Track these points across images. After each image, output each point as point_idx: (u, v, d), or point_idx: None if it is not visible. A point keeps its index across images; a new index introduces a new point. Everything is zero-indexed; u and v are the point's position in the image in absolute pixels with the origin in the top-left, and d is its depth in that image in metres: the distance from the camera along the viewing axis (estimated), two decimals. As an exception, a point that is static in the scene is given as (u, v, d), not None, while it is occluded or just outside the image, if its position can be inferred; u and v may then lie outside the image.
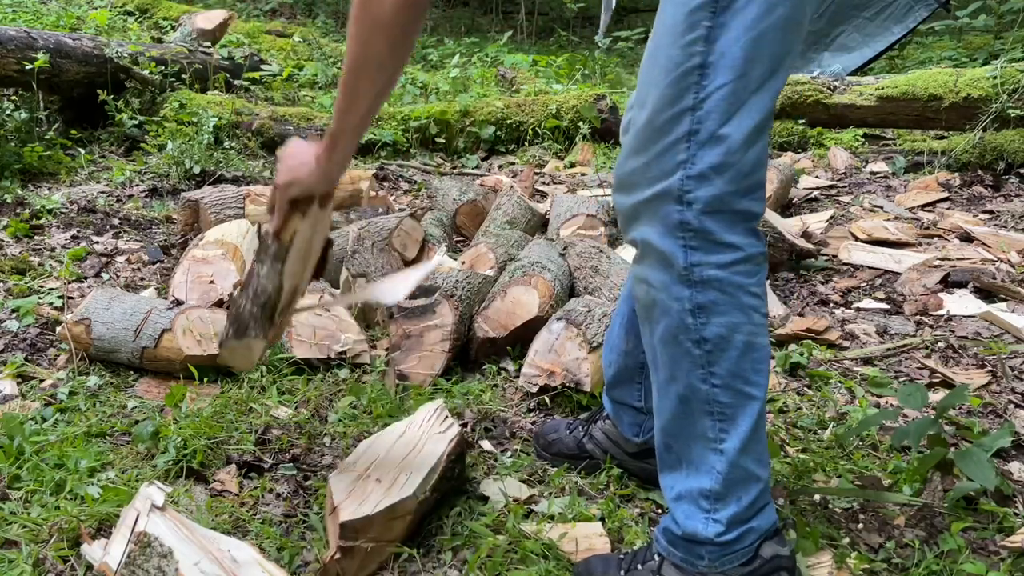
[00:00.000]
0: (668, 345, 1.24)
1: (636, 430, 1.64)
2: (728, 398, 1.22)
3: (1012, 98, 4.06)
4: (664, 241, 1.18)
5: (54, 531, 1.48)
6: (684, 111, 1.15)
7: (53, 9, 6.46)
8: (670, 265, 1.19)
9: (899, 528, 1.56)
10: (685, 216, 1.16)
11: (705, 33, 1.12)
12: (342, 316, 2.24)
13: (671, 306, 1.21)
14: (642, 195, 1.20)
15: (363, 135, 1.38)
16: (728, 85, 1.13)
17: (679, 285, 1.19)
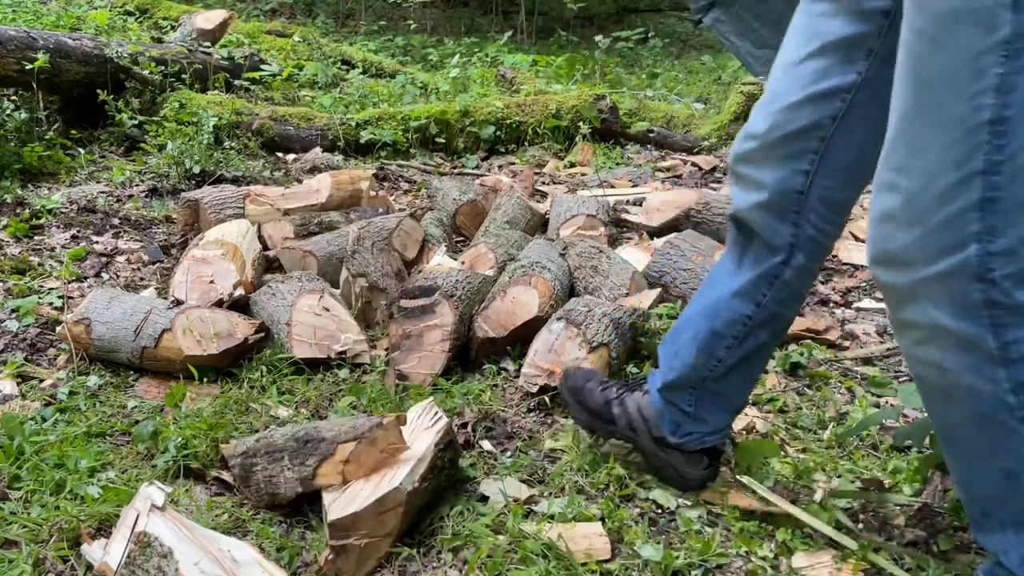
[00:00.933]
0: (984, 426, 1.12)
1: (675, 428, 1.62)
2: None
3: (1012, 98, 4.05)
4: (962, 323, 1.06)
5: (54, 531, 1.48)
6: (974, 175, 1.00)
7: (53, 9, 6.46)
8: (975, 348, 1.06)
9: (899, 528, 1.55)
10: (991, 295, 1.03)
11: (997, 82, 0.97)
12: (342, 316, 2.24)
13: (983, 389, 1.09)
14: (923, 273, 1.06)
15: None
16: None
17: (992, 366, 1.07)
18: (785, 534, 1.53)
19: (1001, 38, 0.96)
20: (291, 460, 1.54)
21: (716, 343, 1.51)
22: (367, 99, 5.20)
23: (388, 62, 6.58)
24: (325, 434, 1.54)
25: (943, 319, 1.07)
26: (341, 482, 1.51)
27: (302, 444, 1.55)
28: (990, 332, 1.05)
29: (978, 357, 1.07)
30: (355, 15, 9.66)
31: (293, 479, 1.54)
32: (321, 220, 2.93)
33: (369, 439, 1.51)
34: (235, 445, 1.63)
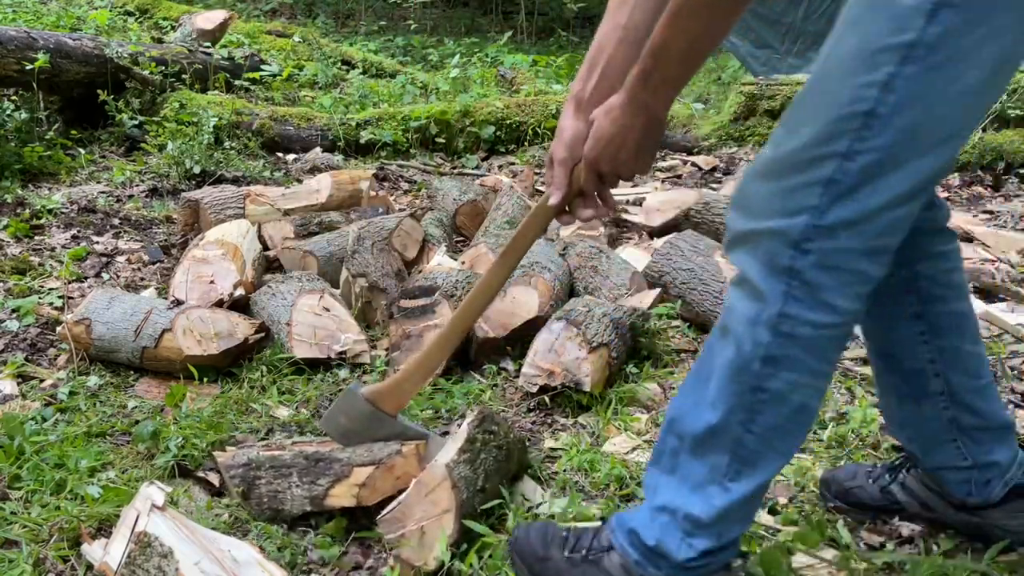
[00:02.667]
0: (725, 375, 1.17)
1: (967, 488, 1.43)
2: (757, 447, 1.17)
3: (1012, 98, 4.06)
4: (765, 280, 1.10)
5: (54, 531, 1.48)
6: (833, 155, 1.04)
7: (53, 9, 6.46)
8: (762, 305, 1.11)
9: (899, 527, 1.56)
10: (797, 263, 1.07)
11: (885, 79, 0.99)
12: (342, 316, 2.24)
13: (744, 345, 1.13)
14: (757, 224, 1.11)
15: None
16: (891, 148, 1.01)
17: (763, 328, 1.11)
18: (786, 535, 1.53)
19: (904, 41, 0.98)
20: (300, 478, 1.53)
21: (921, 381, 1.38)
22: (367, 99, 5.20)
23: (388, 62, 6.58)
24: (339, 455, 1.54)
25: (753, 271, 1.12)
26: (355, 505, 1.51)
27: (312, 463, 1.54)
28: (780, 298, 1.09)
29: (760, 315, 1.11)
30: (355, 15, 9.66)
31: (302, 497, 1.53)
32: (321, 220, 2.93)
33: (387, 465, 1.51)
34: (233, 455, 1.60)
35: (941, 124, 1.02)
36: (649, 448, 1.81)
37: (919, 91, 0.99)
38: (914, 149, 1.03)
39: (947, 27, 0.97)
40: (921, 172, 1.04)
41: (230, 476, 1.59)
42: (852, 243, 1.06)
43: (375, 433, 1.57)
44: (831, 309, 1.09)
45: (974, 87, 1.01)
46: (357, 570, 1.46)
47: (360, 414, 1.56)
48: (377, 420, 1.56)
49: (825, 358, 1.15)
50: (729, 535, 1.23)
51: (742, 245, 1.15)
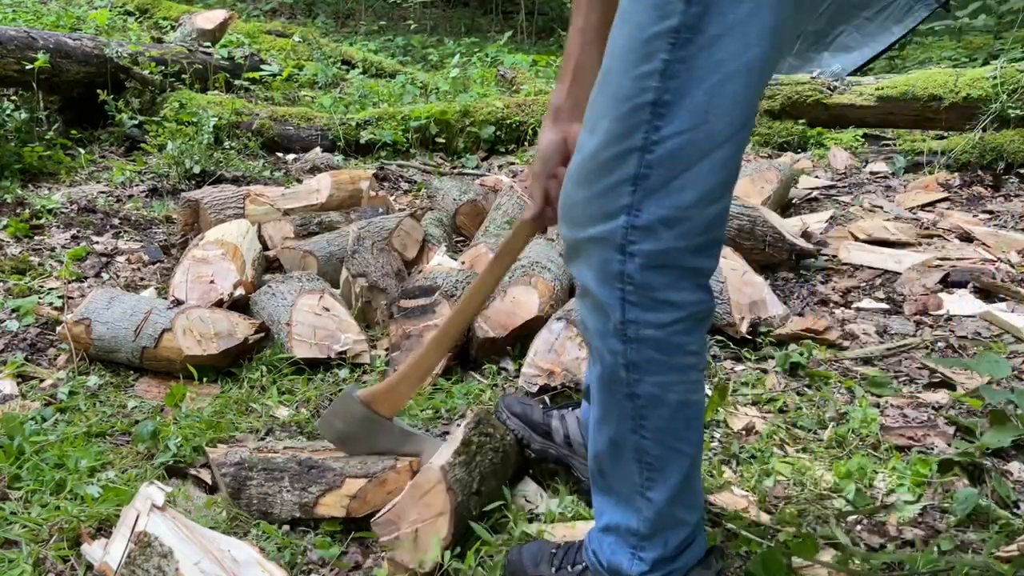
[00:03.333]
0: (602, 390, 1.17)
1: None
2: (658, 451, 1.16)
3: (1012, 98, 4.06)
4: (602, 289, 1.09)
5: (54, 531, 1.48)
6: (632, 150, 1.03)
7: (53, 9, 6.46)
8: (606, 315, 1.10)
9: (899, 528, 1.56)
10: (626, 268, 1.06)
11: (662, 67, 0.99)
12: (342, 316, 2.24)
13: (605, 356, 1.13)
14: (583, 233, 1.10)
15: None
16: (687, 133, 1.01)
17: (613, 338, 1.10)
18: (786, 535, 1.53)
19: (670, 26, 0.98)
20: (292, 483, 1.53)
21: None
22: (367, 99, 5.20)
23: (388, 62, 6.58)
24: (332, 463, 1.53)
25: (590, 281, 1.11)
26: (344, 515, 1.50)
27: (305, 469, 1.53)
28: (619, 305, 1.08)
29: (606, 325, 1.11)
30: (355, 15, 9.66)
31: (292, 502, 1.53)
32: (321, 220, 2.93)
33: (380, 479, 1.50)
34: (226, 453, 1.60)
35: (733, 102, 1.01)
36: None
37: (698, 73, 0.99)
38: (713, 134, 1.01)
39: (707, 6, 0.97)
40: (727, 161, 1.04)
41: (221, 474, 1.58)
42: (677, 242, 1.05)
43: (371, 437, 1.57)
44: (671, 306, 1.08)
45: (755, 62, 1.00)
46: (357, 570, 1.46)
47: (356, 418, 1.56)
48: (373, 423, 1.56)
49: (684, 351, 1.12)
50: (676, 539, 1.22)
51: (575, 257, 1.14)
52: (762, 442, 1.86)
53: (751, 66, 1.00)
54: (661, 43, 0.99)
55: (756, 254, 2.82)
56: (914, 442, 1.87)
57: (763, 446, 1.84)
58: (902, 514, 1.60)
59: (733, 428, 1.93)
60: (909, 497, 1.66)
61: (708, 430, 1.92)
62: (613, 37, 1.05)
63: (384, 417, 1.57)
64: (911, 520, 1.59)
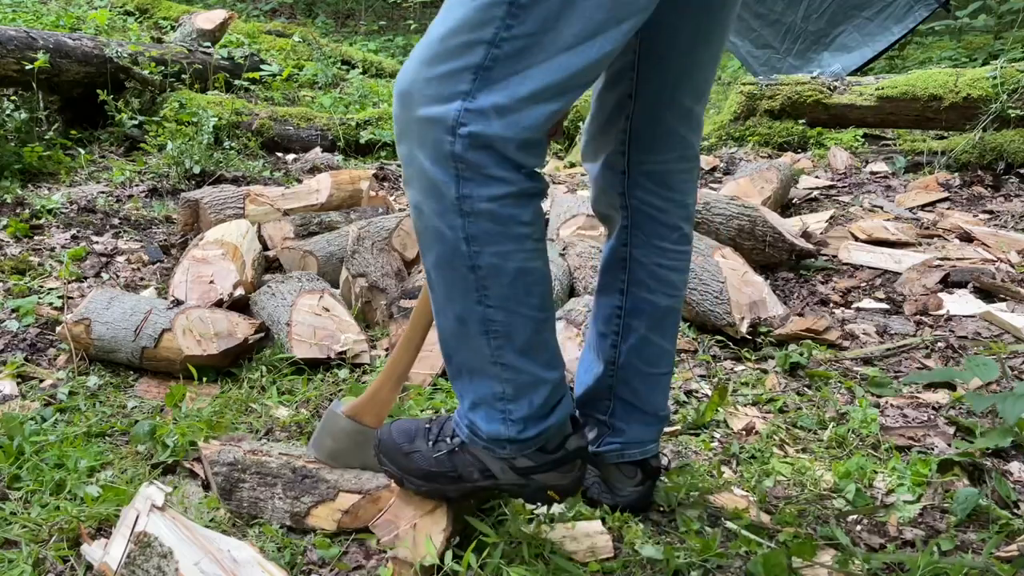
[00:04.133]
0: (443, 270, 1.23)
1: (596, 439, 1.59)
2: (503, 317, 1.23)
3: (1012, 98, 4.06)
4: (435, 169, 1.14)
5: (54, 531, 1.48)
6: (481, 42, 1.08)
7: (53, 9, 6.46)
8: (442, 195, 1.15)
9: (899, 528, 1.56)
10: (455, 148, 1.11)
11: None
12: (342, 316, 2.24)
13: (445, 233, 1.18)
14: (417, 112, 1.13)
15: None
16: (536, 36, 1.08)
17: (452, 214, 1.16)
18: (786, 535, 1.53)
19: None
20: (284, 490, 1.52)
21: (604, 344, 1.54)
22: (367, 99, 5.20)
23: (388, 62, 6.58)
24: (326, 475, 1.52)
25: (424, 162, 1.15)
26: (335, 529, 1.50)
27: (299, 478, 1.52)
28: (454, 182, 1.14)
29: (444, 204, 1.16)
30: (355, 15, 9.66)
31: (283, 510, 1.52)
32: (321, 220, 2.93)
33: (373, 496, 1.50)
34: (219, 451, 1.59)
35: (583, 16, 1.07)
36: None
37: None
38: (558, 41, 1.08)
39: None
40: (568, 67, 1.10)
41: (213, 472, 1.58)
42: (505, 131, 1.11)
43: (362, 450, 1.54)
44: (500, 181, 1.14)
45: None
46: (357, 570, 1.46)
47: (344, 432, 1.53)
48: (362, 436, 1.53)
49: (518, 221, 1.18)
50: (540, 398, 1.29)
51: (405, 137, 1.17)
52: (762, 442, 1.86)
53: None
54: None
55: (756, 254, 2.82)
56: (914, 442, 1.87)
57: (763, 446, 1.84)
58: (902, 514, 1.60)
59: (733, 428, 1.93)
60: (909, 497, 1.66)
61: (708, 430, 1.92)
62: None
63: (371, 428, 1.55)
64: (911, 520, 1.59)
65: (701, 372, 2.22)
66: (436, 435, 1.40)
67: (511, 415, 1.29)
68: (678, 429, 1.92)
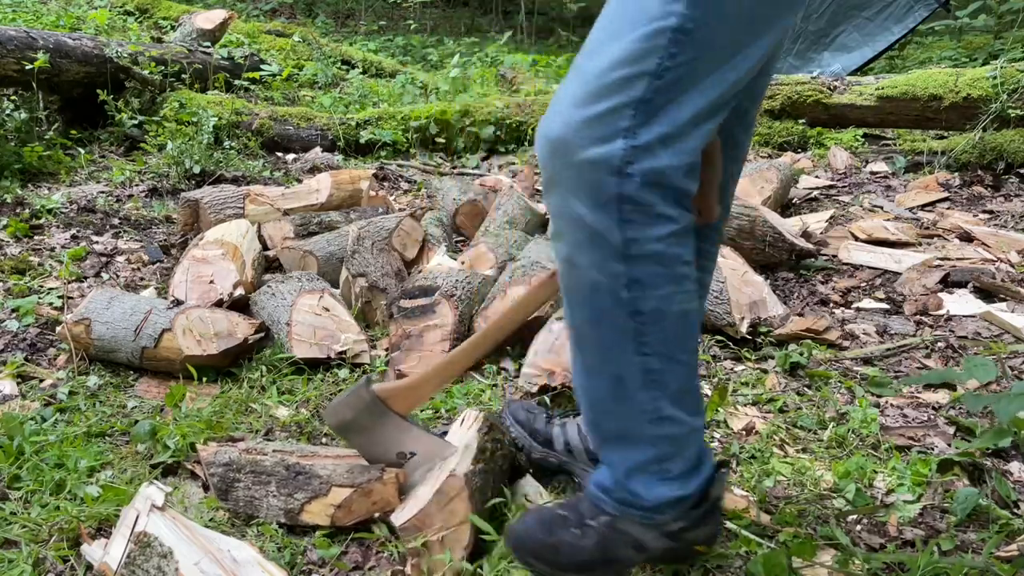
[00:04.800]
0: (599, 325, 1.18)
1: None
2: (660, 364, 1.19)
3: (1012, 98, 4.06)
4: (596, 215, 1.09)
5: (54, 531, 1.48)
6: (643, 74, 1.04)
7: (53, 9, 6.46)
8: (604, 242, 1.11)
9: (899, 528, 1.56)
10: (624, 188, 1.07)
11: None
12: (342, 316, 2.24)
13: (602, 282, 1.13)
14: (575, 157, 1.08)
15: None
16: (700, 58, 1.04)
17: (613, 261, 1.11)
18: (786, 535, 1.53)
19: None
20: (279, 488, 1.53)
21: None
22: (367, 99, 5.20)
23: (388, 62, 6.58)
24: (319, 471, 1.52)
25: (581, 209, 1.10)
26: (329, 524, 1.50)
27: (292, 475, 1.53)
28: (617, 226, 1.09)
29: (603, 252, 1.11)
30: (355, 15, 9.66)
31: (278, 508, 1.52)
32: (321, 220, 2.93)
33: (365, 490, 1.50)
34: (215, 452, 1.60)
35: (736, 34, 1.06)
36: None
37: (720, 5, 1.03)
38: (716, 61, 1.06)
39: None
40: (724, 82, 1.08)
41: (210, 473, 1.58)
42: (673, 160, 1.08)
43: (377, 429, 1.55)
44: (668, 219, 1.11)
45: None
46: (357, 570, 1.46)
47: (367, 410, 1.53)
48: (381, 419, 1.54)
49: (681, 261, 1.15)
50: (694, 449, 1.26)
51: (558, 186, 1.12)
52: (762, 442, 1.86)
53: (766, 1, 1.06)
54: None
55: (756, 254, 2.82)
56: (914, 442, 1.87)
57: (763, 446, 1.84)
58: (902, 514, 1.60)
59: (733, 428, 1.93)
60: (909, 497, 1.66)
61: (708, 430, 1.92)
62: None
63: (397, 413, 1.55)
64: (911, 520, 1.59)
65: (701, 372, 2.22)
66: (577, 521, 1.31)
67: (670, 473, 1.25)
68: (678, 429, 1.91)
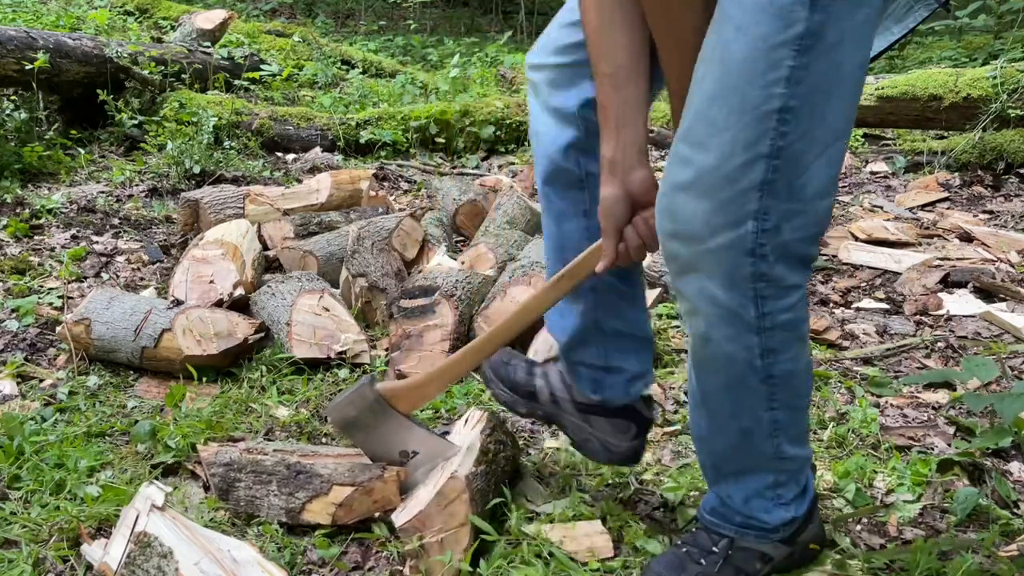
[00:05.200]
0: (733, 391, 1.25)
1: (594, 386, 1.54)
2: (785, 416, 1.27)
3: (1012, 98, 4.06)
4: (731, 295, 1.15)
5: (54, 531, 1.48)
6: (759, 157, 1.08)
7: (53, 9, 6.46)
8: (739, 319, 1.16)
9: (899, 528, 1.56)
10: (759, 267, 1.13)
11: (787, 74, 1.04)
12: (342, 316, 2.24)
13: (738, 356, 1.20)
14: (706, 245, 1.13)
15: None
16: (809, 135, 1.07)
17: (749, 334, 1.18)
18: (785, 534, 1.53)
19: (795, 33, 1.03)
20: (280, 487, 1.53)
21: None
22: (367, 99, 5.20)
23: (388, 62, 6.58)
24: (320, 470, 1.52)
25: (716, 290, 1.15)
26: (330, 523, 1.50)
27: (293, 474, 1.53)
28: (752, 303, 1.15)
29: (739, 327, 1.17)
30: (355, 15, 9.66)
31: (279, 507, 1.52)
32: (321, 220, 2.93)
33: (366, 488, 1.50)
34: (216, 452, 1.60)
35: (846, 101, 1.10)
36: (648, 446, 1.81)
37: (820, 77, 1.05)
38: (828, 131, 1.09)
39: (829, 13, 1.03)
40: (841, 154, 1.13)
41: (211, 473, 1.58)
42: (798, 234, 1.13)
43: (380, 427, 1.54)
44: (796, 287, 1.18)
45: (864, 62, 1.10)
46: (356, 570, 1.46)
47: (370, 409, 1.53)
48: (384, 418, 1.54)
49: (804, 321, 1.22)
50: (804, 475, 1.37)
51: (690, 271, 1.17)
52: (762, 442, 1.86)
53: (862, 65, 1.10)
54: (786, 51, 1.04)
55: (756, 254, 2.81)
56: (914, 442, 1.87)
57: (763, 446, 1.84)
58: (902, 514, 1.60)
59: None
60: (909, 497, 1.66)
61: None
62: (727, 51, 1.08)
63: (400, 412, 1.56)
64: (911, 520, 1.59)
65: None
66: (700, 553, 1.38)
67: (782, 499, 1.34)
68: (678, 429, 1.91)
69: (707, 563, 1.36)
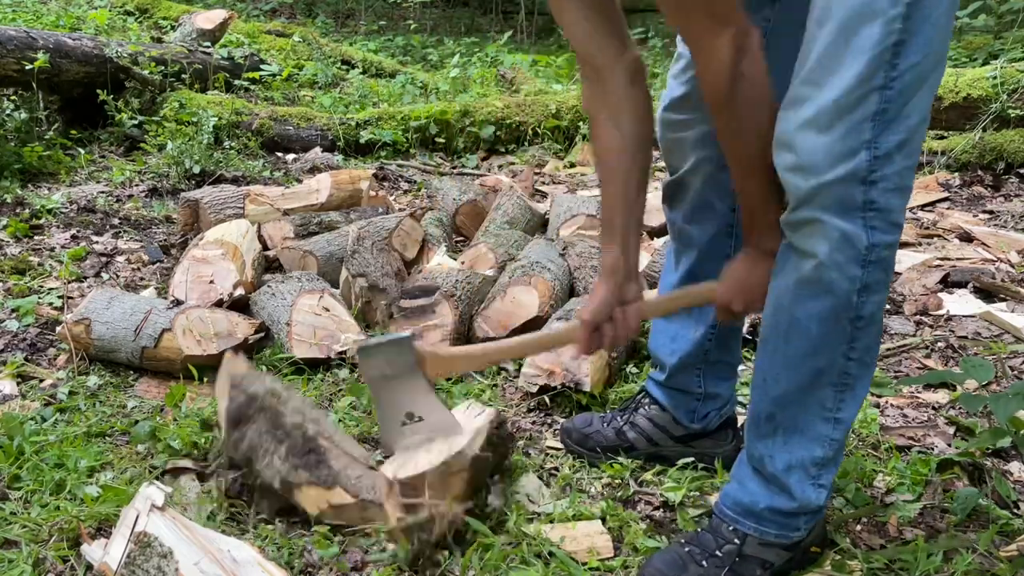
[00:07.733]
0: (825, 322, 1.25)
1: (691, 416, 1.69)
2: (857, 370, 1.28)
3: (1012, 98, 4.06)
4: (847, 222, 1.18)
5: (54, 531, 1.48)
6: (873, 90, 1.14)
7: (53, 9, 6.46)
8: (852, 246, 1.19)
9: (899, 528, 1.56)
10: (870, 195, 1.17)
11: (904, 11, 1.12)
12: (342, 316, 2.24)
13: (841, 286, 1.22)
14: (823, 177, 1.18)
15: None
16: (918, 64, 1.14)
17: (855, 265, 1.20)
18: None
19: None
20: (288, 453, 1.51)
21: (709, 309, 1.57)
22: (367, 99, 5.20)
23: (388, 62, 6.58)
24: (332, 461, 1.51)
25: (832, 218, 1.19)
26: (315, 514, 1.51)
27: (306, 449, 1.51)
28: (864, 232, 1.19)
29: (848, 255, 1.20)
30: (355, 15, 9.66)
31: (276, 470, 1.50)
32: (321, 220, 2.93)
33: (362, 506, 1.50)
34: (244, 375, 1.57)
35: (943, 30, 1.16)
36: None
37: (928, 9, 1.13)
38: (931, 63, 1.16)
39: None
40: (939, 82, 1.20)
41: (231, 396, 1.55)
42: (906, 162, 1.19)
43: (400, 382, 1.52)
44: (897, 227, 1.22)
45: None
46: (356, 571, 1.46)
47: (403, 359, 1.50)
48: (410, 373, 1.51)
49: (892, 267, 1.26)
50: (838, 462, 1.37)
51: (811, 202, 1.20)
52: (762, 442, 1.86)
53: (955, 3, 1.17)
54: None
55: (756, 254, 2.81)
56: (914, 442, 1.87)
57: (763, 446, 1.84)
58: (902, 514, 1.60)
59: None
60: (909, 497, 1.66)
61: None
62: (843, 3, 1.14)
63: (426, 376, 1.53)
64: (911, 520, 1.59)
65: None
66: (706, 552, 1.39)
67: (820, 480, 1.35)
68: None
69: (708, 566, 1.37)
